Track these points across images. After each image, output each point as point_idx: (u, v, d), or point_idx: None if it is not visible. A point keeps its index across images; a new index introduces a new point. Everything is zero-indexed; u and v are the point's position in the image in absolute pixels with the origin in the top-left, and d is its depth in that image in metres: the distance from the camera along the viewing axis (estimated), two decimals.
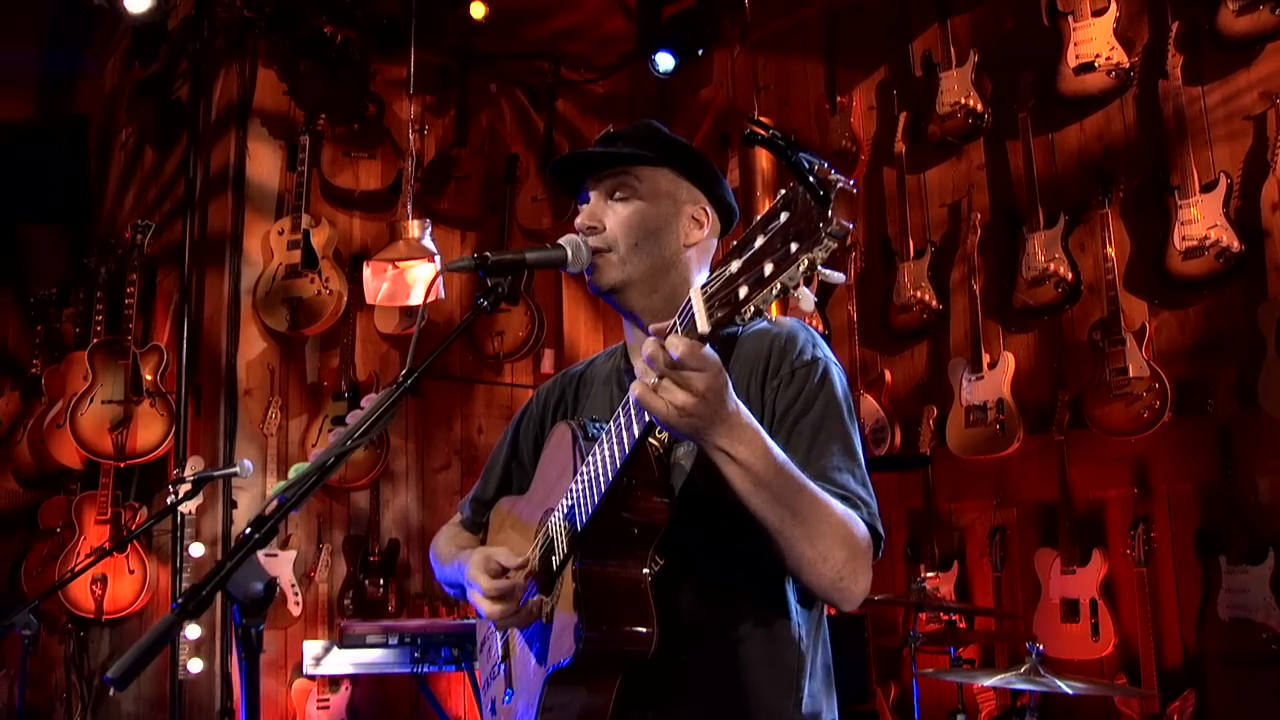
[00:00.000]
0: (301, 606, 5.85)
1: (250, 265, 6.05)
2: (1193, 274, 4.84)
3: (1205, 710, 4.62)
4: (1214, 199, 4.80)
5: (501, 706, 2.16)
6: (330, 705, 5.75)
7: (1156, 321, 4.99)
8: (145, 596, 5.80)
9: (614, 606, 1.82)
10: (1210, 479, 4.74)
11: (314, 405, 6.15)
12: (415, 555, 6.41)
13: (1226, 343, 4.81)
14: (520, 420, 2.40)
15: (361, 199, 6.54)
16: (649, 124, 2.17)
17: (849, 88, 6.31)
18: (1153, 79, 5.09)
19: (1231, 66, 4.90)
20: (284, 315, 5.90)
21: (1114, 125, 5.27)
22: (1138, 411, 4.87)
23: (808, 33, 6.63)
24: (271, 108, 6.26)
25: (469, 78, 6.83)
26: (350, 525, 6.24)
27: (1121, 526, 4.97)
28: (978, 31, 5.81)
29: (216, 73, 6.17)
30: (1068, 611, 5.04)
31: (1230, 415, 4.67)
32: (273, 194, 6.19)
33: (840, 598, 1.83)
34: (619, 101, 7.56)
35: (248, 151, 6.07)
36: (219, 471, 3.95)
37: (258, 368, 6.04)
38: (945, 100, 5.72)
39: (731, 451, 1.66)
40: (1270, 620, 4.46)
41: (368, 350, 6.38)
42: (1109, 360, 4.97)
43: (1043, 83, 5.39)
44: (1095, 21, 5.21)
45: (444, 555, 2.36)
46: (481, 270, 1.91)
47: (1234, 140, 4.88)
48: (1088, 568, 5.02)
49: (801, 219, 1.38)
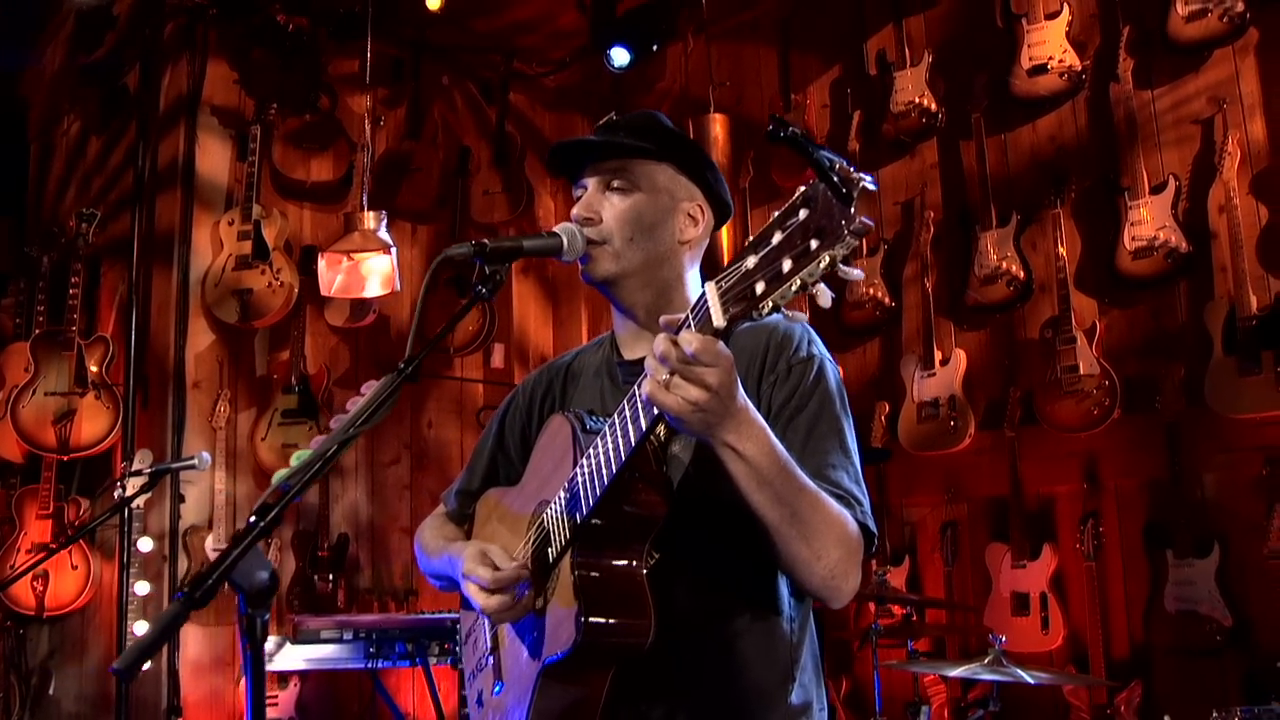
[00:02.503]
0: None
1: (199, 256, 5.96)
2: (1142, 273, 4.93)
3: (1151, 699, 4.71)
4: (1163, 201, 4.89)
5: (490, 698, 2.15)
6: (278, 702, 5.69)
7: (1106, 320, 5.07)
8: (89, 593, 5.69)
9: (612, 598, 1.82)
10: (1158, 475, 4.83)
11: (263, 399, 6.08)
12: (364, 550, 6.36)
13: (1174, 341, 4.91)
14: (506, 412, 2.38)
15: (313, 190, 6.47)
16: (650, 115, 2.17)
17: (803, 85, 6.35)
18: (1104, 82, 5.18)
19: (1181, 71, 5.00)
20: (234, 307, 5.82)
21: (1066, 127, 5.36)
22: (1088, 408, 4.96)
23: (762, 29, 6.66)
24: (222, 98, 6.18)
25: (421, 70, 6.79)
26: (299, 520, 6.17)
27: (1071, 521, 5.06)
28: (932, 32, 5.88)
29: (165, 62, 6.06)
30: (1018, 605, 5.12)
31: (1178, 412, 4.77)
32: (222, 185, 6.12)
33: (831, 595, 1.85)
34: (571, 95, 7.56)
35: (197, 141, 5.97)
36: (176, 464, 3.87)
37: (206, 360, 5.96)
38: (899, 99, 5.78)
39: (739, 448, 1.66)
40: (1215, 612, 4.56)
41: (318, 344, 6.32)
42: (1060, 358, 5.05)
43: (996, 83, 5.47)
44: (1048, 24, 5.29)
45: (431, 547, 2.34)
46: (479, 258, 1.91)
47: (1183, 144, 4.98)
48: (1038, 562, 5.10)
49: (823, 216, 1.39)
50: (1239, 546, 4.58)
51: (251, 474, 5.99)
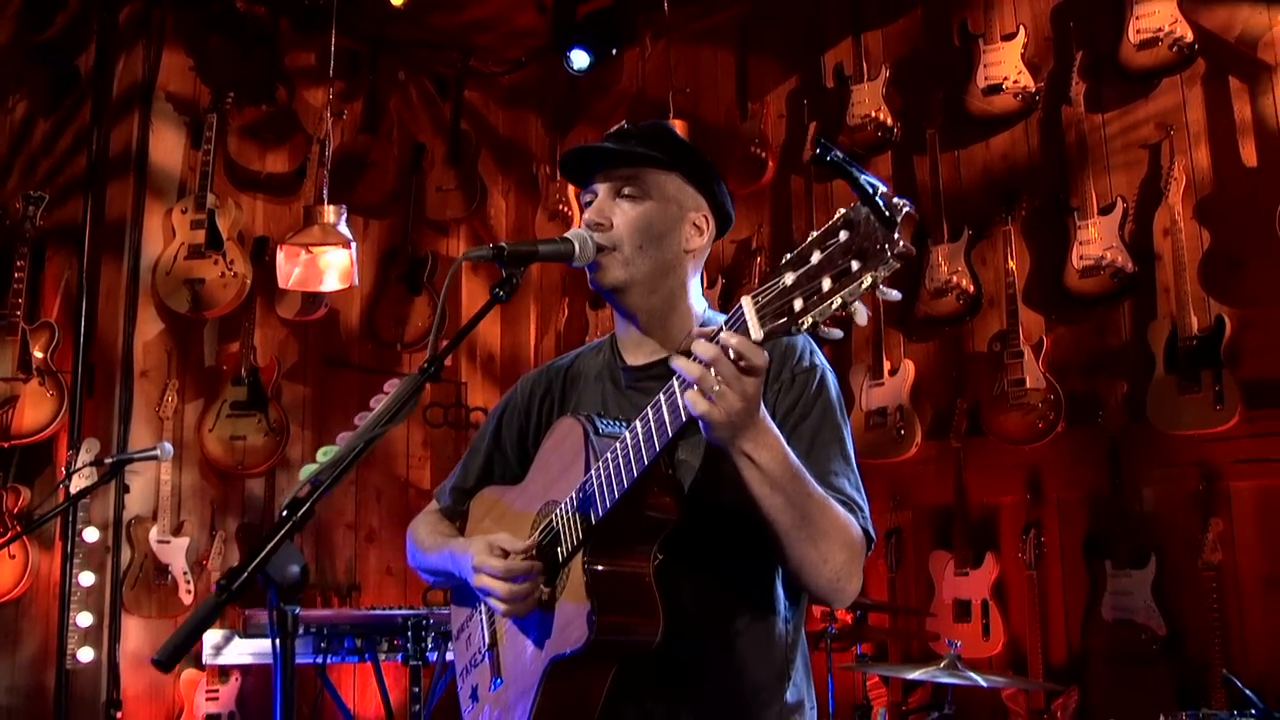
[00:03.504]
0: (193, 595, 5.71)
1: (150, 244, 5.88)
2: (1088, 291, 5.07)
3: (1087, 705, 4.86)
4: (1110, 222, 5.04)
5: (486, 694, 2.18)
6: (219, 696, 5.63)
7: (1053, 336, 5.21)
8: (26, 582, 5.55)
9: (623, 598, 1.88)
10: (1099, 488, 4.98)
11: (212, 390, 6.01)
12: (309, 545, 6.31)
13: (1118, 359, 5.05)
14: (504, 411, 2.41)
15: (267, 182, 6.41)
16: (662, 125, 2.22)
17: (760, 94, 6.43)
18: (1057, 104, 5.32)
19: (1131, 97, 5.15)
20: (185, 297, 5.75)
21: (1018, 146, 5.49)
22: (1033, 421, 5.09)
23: (721, 36, 6.73)
24: (177, 85, 6.10)
25: (379, 64, 6.76)
26: (244, 512, 6.12)
27: (1014, 531, 5.19)
28: (890, 47, 5.99)
29: (120, 46, 5.96)
30: (960, 611, 5.24)
31: (1120, 427, 4.91)
32: (175, 173, 6.04)
33: (835, 598, 1.92)
34: (526, 94, 7.58)
35: (151, 127, 5.89)
36: (138, 454, 3.84)
37: (155, 349, 5.88)
38: (856, 112, 5.87)
39: (755, 456, 1.73)
40: (1150, 621, 4.71)
41: (267, 336, 6.26)
42: (1007, 371, 5.17)
43: (951, 101, 5.59)
44: (1004, 46, 5.42)
45: (427, 544, 2.36)
46: (499, 261, 1.94)
47: (1131, 168, 5.13)
48: (980, 570, 5.23)
49: (865, 239, 1.45)
50: (1175, 558, 4.73)
51: (198, 465, 5.92)
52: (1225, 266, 4.80)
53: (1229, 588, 4.60)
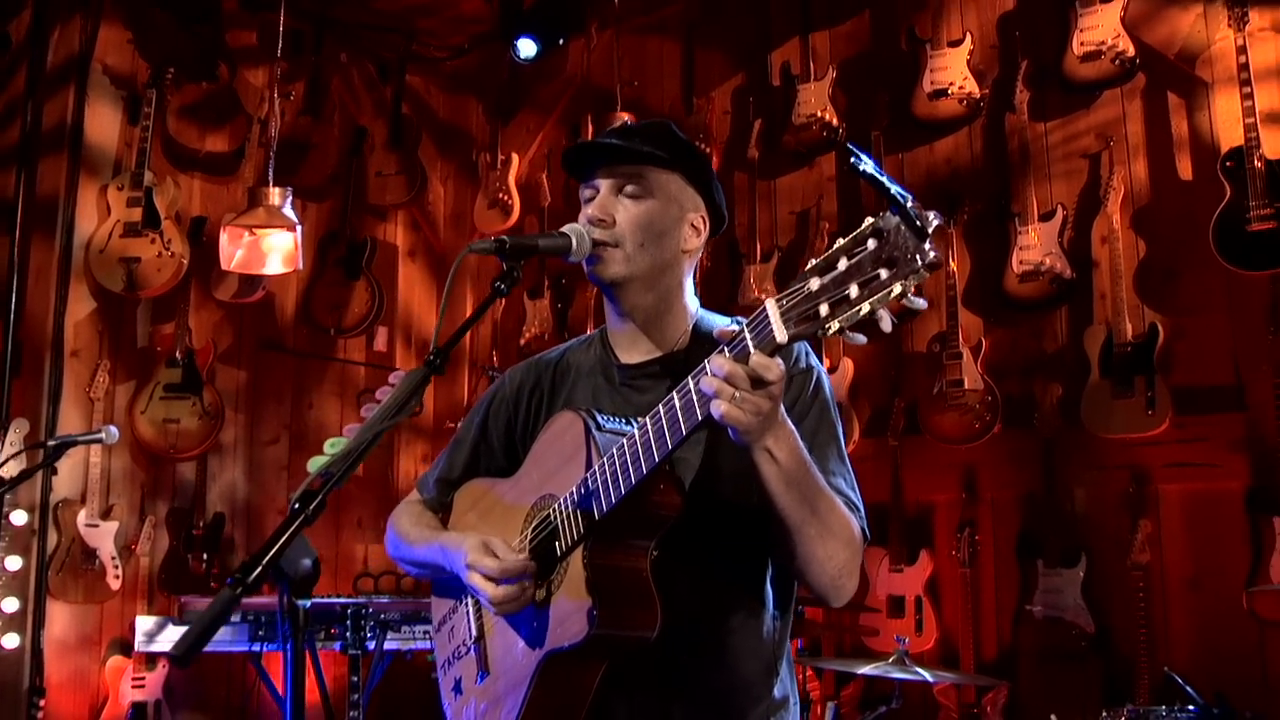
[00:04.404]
0: (121, 580, 5.60)
1: (83, 221, 5.74)
2: (1027, 296, 5.17)
3: (1016, 701, 4.97)
4: (1050, 228, 5.15)
5: (472, 686, 2.18)
6: (146, 684, 5.54)
7: (991, 338, 5.31)
8: None
9: (622, 593, 1.89)
10: (1033, 488, 5.10)
11: (144, 371, 5.90)
12: (240, 530, 6.23)
13: (1054, 362, 5.17)
14: (490, 403, 2.41)
15: (206, 161, 6.29)
16: (665, 124, 2.23)
17: (706, 89, 6.46)
18: (1001, 111, 5.42)
19: (1073, 107, 5.26)
20: (119, 275, 5.63)
21: (962, 151, 5.58)
22: (969, 422, 5.19)
23: (668, 30, 6.75)
24: (115, 59, 5.95)
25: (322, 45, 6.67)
26: (175, 497, 6.01)
27: (948, 529, 5.29)
28: (837, 48, 6.05)
29: (56, 16, 5.80)
30: (893, 607, 5.33)
31: (1054, 430, 5.03)
32: (111, 150, 5.91)
33: (835, 595, 1.96)
34: (467, 80, 7.52)
35: (87, 101, 5.74)
36: (82, 436, 3.76)
37: (86, 329, 5.76)
38: (802, 111, 5.92)
39: (774, 452, 1.76)
40: (1079, 619, 4.83)
41: (203, 318, 6.15)
42: (945, 372, 5.26)
43: (897, 103, 5.66)
44: (951, 51, 5.50)
45: (411, 536, 2.35)
46: (500, 254, 1.95)
47: (1071, 176, 5.25)
48: (914, 567, 5.32)
49: (894, 248, 1.48)
50: (1104, 558, 4.86)
51: (128, 448, 5.80)
52: (1160, 276, 4.94)
53: (1155, 587, 4.74)
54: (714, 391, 1.66)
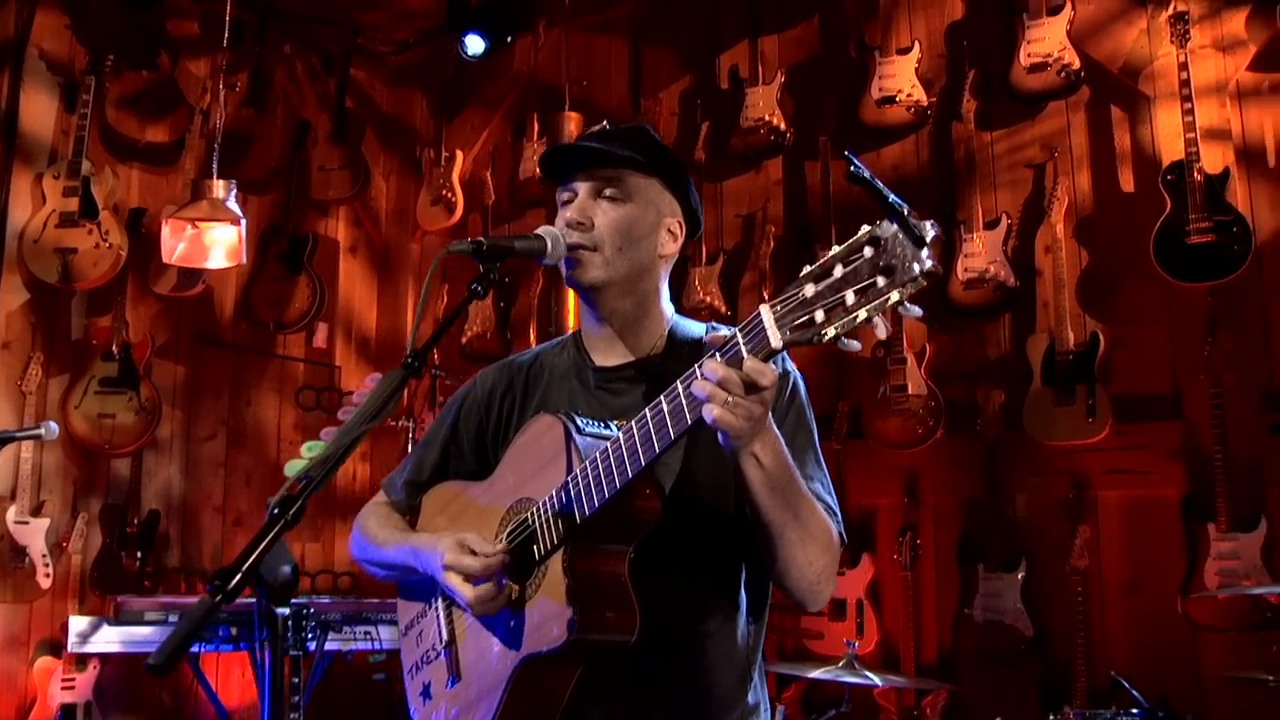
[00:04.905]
0: (52, 578, 5.46)
1: (16, 210, 5.59)
2: (971, 303, 5.23)
3: (956, 703, 5.03)
4: (995, 236, 5.22)
5: (442, 691, 2.15)
6: (76, 685, 5.40)
7: (935, 344, 5.36)
8: None
9: (601, 597, 1.88)
10: (975, 493, 5.16)
11: (78, 365, 5.76)
12: (175, 528, 6.12)
13: (997, 369, 5.24)
14: (461, 405, 2.37)
15: (145, 151, 6.16)
16: (643, 128, 2.22)
17: (654, 90, 6.46)
18: (948, 120, 5.48)
19: (1019, 118, 5.34)
20: (54, 266, 5.50)
21: (909, 158, 5.64)
22: (913, 427, 5.24)
23: (616, 30, 6.73)
24: (51, 44, 5.81)
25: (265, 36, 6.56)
26: (109, 493, 5.88)
27: (890, 533, 5.33)
28: (786, 52, 6.08)
29: None
30: (835, 610, 5.36)
31: (997, 436, 5.09)
32: (47, 137, 5.77)
33: (813, 600, 1.97)
34: (412, 74, 7.45)
35: (22, 87, 5.59)
36: (20, 432, 3.66)
37: (18, 320, 5.62)
38: (749, 115, 5.94)
39: (760, 457, 1.76)
40: (1019, 623, 4.90)
41: (140, 311, 6.02)
42: (890, 377, 5.30)
43: (845, 109, 5.70)
44: (899, 59, 5.55)
45: (380, 538, 2.31)
46: (478, 255, 1.93)
47: (1016, 186, 5.32)
48: (856, 570, 5.35)
49: (892, 256, 1.48)
50: (1044, 563, 4.92)
51: (61, 443, 5.65)
52: (1102, 285, 5.02)
53: (1093, 592, 4.81)
54: (706, 395, 1.65)
